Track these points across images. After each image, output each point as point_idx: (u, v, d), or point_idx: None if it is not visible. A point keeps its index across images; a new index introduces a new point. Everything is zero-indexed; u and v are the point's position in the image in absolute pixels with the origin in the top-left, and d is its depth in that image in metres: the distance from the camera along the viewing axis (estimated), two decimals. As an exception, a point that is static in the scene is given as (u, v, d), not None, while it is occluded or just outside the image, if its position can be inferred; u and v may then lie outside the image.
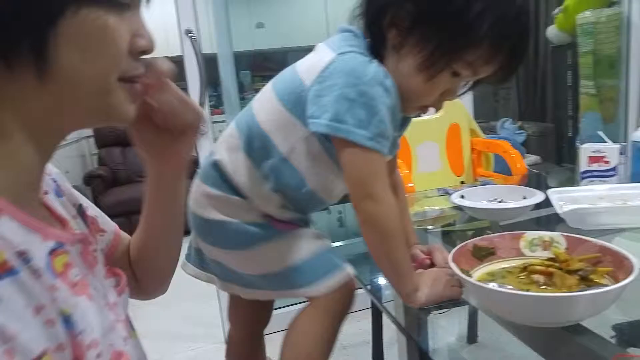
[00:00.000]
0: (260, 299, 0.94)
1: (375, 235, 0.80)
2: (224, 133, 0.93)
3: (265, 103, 0.86)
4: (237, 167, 0.88)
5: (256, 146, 0.86)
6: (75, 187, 0.73)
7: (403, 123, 0.92)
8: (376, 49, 0.79)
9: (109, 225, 0.80)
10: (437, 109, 0.84)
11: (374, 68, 0.75)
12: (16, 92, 0.48)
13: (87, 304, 0.53)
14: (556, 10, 3.36)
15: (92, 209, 0.74)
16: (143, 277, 0.81)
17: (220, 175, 0.90)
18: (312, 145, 0.82)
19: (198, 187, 0.93)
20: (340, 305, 0.88)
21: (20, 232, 0.47)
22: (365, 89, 0.74)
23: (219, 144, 0.92)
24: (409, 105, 0.83)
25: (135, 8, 0.54)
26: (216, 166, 0.90)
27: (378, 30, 0.78)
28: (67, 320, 0.49)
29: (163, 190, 0.77)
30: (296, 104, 0.80)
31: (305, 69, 0.81)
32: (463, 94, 0.87)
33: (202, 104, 2.39)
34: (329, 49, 0.79)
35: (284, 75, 0.85)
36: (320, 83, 0.76)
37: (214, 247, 0.91)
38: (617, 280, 0.72)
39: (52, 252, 0.51)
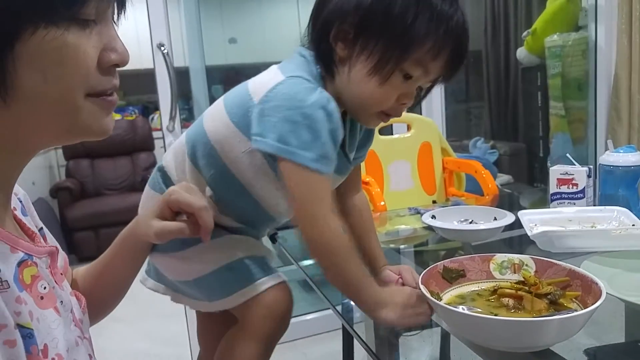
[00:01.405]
0: (203, 310, 0.92)
1: (324, 256, 0.79)
2: (176, 141, 0.94)
3: (215, 114, 0.86)
4: (183, 172, 0.89)
5: (200, 154, 0.86)
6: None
7: (363, 143, 0.93)
8: (327, 66, 0.82)
9: (60, 254, 0.79)
10: (397, 115, 0.84)
11: (317, 93, 0.77)
12: None
13: (54, 317, 0.54)
14: (525, 33, 3.43)
15: (48, 235, 0.73)
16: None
17: (164, 180, 0.91)
18: (255, 158, 0.83)
19: (146, 192, 0.95)
20: (266, 327, 0.85)
21: None
22: (308, 111, 0.75)
23: (168, 151, 0.94)
24: (368, 114, 0.84)
25: (104, 21, 0.53)
26: (161, 170, 0.93)
27: (326, 46, 0.80)
28: (30, 336, 0.48)
29: (139, 254, 0.84)
30: (242, 117, 0.81)
31: (256, 85, 0.82)
32: (423, 97, 0.89)
33: (173, 117, 2.37)
34: (279, 72, 0.81)
35: (236, 89, 0.87)
36: (265, 102, 0.78)
37: (157, 253, 0.90)
38: (585, 305, 0.72)
39: (21, 264, 0.51)
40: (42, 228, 0.69)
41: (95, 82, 0.52)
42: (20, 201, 0.67)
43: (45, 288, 0.54)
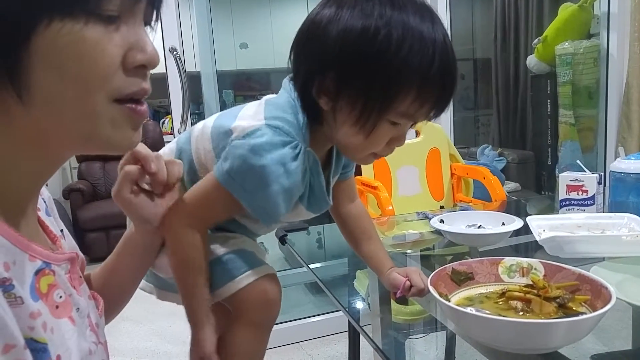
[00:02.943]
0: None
1: (177, 253, 0.81)
2: (165, 147, 0.93)
3: (202, 134, 0.86)
4: None
5: (184, 167, 0.85)
6: (53, 200, 0.72)
7: (347, 163, 0.94)
8: (313, 115, 0.81)
9: (80, 256, 0.79)
10: (386, 155, 0.84)
11: (286, 149, 0.77)
12: (1, 114, 0.47)
13: (69, 327, 0.53)
14: (536, 41, 3.43)
15: (67, 236, 0.73)
16: None
17: None
18: None
19: None
20: (257, 315, 0.86)
21: (9, 250, 0.47)
22: (267, 163, 0.75)
23: (157, 154, 0.92)
24: (358, 158, 0.85)
25: (131, 20, 0.50)
26: None
27: (310, 98, 0.79)
28: (44, 350, 0.47)
29: (142, 255, 0.82)
30: (221, 149, 0.81)
31: (239, 122, 0.81)
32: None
33: (184, 121, 2.39)
34: (262, 112, 0.80)
35: (227, 113, 0.86)
36: (238, 139, 0.78)
37: None
38: (594, 309, 0.72)
39: (38, 272, 0.50)
40: (62, 230, 0.68)
41: (120, 83, 0.49)
42: (45, 202, 0.66)
43: (61, 297, 0.53)
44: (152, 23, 0.54)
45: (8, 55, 0.44)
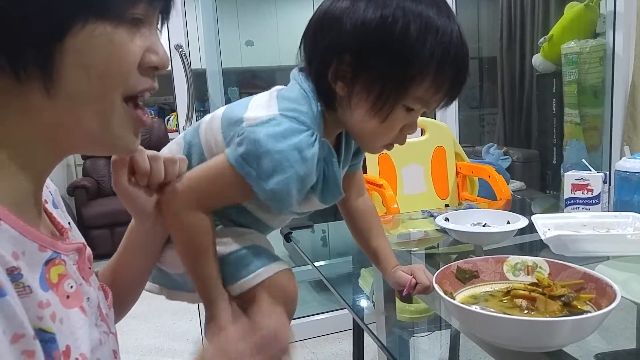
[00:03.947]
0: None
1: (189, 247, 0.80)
2: (171, 142, 0.93)
3: (211, 124, 0.86)
4: None
5: (194, 159, 0.86)
6: None
7: (356, 154, 0.94)
8: (328, 102, 0.81)
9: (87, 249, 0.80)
10: (401, 144, 0.85)
11: (301, 136, 0.76)
12: (24, 104, 0.49)
13: (79, 316, 0.54)
14: (542, 39, 3.42)
15: (74, 229, 0.74)
16: None
17: None
18: None
19: None
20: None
21: (18, 241, 0.48)
22: (284, 148, 0.75)
23: (164, 148, 0.92)
24: (371, 147, 0.85)
25: (149, 24, 0.55)
26: None
27: (326, 84, 0.80)
28: (52, 340, 0.48)
29: (147, 246, 0.82)
30: (229, 131, 0.81)
31: (252, 110, 0.81)
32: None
33: (189, 118, 2.39)
34: (276, 102, 0.80)
35: (238, 104, 0.85)
36: (252, 127, 0.77)
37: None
38: (599, 308, 0.72)
39: (48, 262, 0.51)
40: (69, 222, 0.70)
41: (135, 81, 0.54)
42: (51, 194, 0.67)
43: (72, 287, 0.54)
44: (160, 26, 0.58)
45: (42, 50, 0.47)
